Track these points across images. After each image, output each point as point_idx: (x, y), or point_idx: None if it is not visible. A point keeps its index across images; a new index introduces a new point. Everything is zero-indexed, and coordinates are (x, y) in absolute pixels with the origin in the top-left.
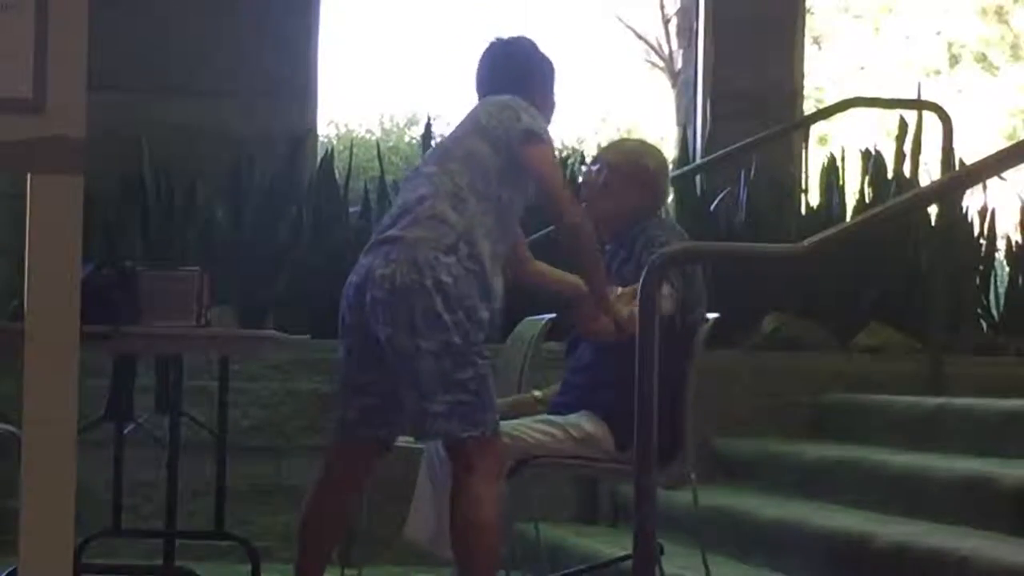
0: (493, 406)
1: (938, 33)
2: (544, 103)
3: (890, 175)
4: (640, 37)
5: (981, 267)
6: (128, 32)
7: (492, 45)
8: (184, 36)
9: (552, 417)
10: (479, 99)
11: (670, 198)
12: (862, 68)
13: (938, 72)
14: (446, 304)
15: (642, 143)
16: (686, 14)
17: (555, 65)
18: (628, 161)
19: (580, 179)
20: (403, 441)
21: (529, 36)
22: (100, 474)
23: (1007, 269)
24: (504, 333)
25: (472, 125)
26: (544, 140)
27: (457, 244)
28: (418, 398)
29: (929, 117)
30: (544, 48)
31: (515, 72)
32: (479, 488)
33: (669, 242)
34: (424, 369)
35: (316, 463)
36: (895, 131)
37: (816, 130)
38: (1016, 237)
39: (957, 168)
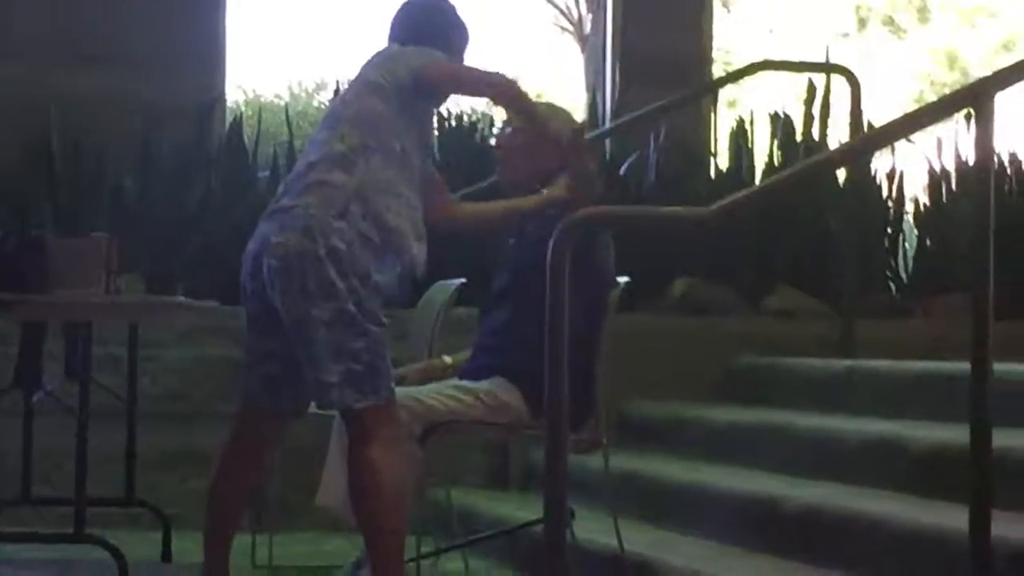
0: (388, 373)
1: None
2: None
3: (799, 138)
4: (549, 1)
5: (889, 230)
6: (35, 1)
7: (409, 1)
8: (92, 4)
9: (463, 383)
10: None
11: None
12: (770, 31)
13: (846, 35)
14: (339, 271)
15: (551, 106)
16: None
17: (469, 35)
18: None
19: (493, 142)
20: (314, 408)
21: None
22: (10, 442)
23: (915, 232)
24: (415, 298)
25: (359, 84)
26: (438, 58)
27: (348, 207)
28: (311, 368)
29: (837, 80)
30: (460, 14)
31: (426, 28)
32: (375, 456)
33: None
34: (317, 338)
35: (226, 430)
36: (804, 94)
37: (725, 94)
38: (924, 200)
39: (866, 131)
